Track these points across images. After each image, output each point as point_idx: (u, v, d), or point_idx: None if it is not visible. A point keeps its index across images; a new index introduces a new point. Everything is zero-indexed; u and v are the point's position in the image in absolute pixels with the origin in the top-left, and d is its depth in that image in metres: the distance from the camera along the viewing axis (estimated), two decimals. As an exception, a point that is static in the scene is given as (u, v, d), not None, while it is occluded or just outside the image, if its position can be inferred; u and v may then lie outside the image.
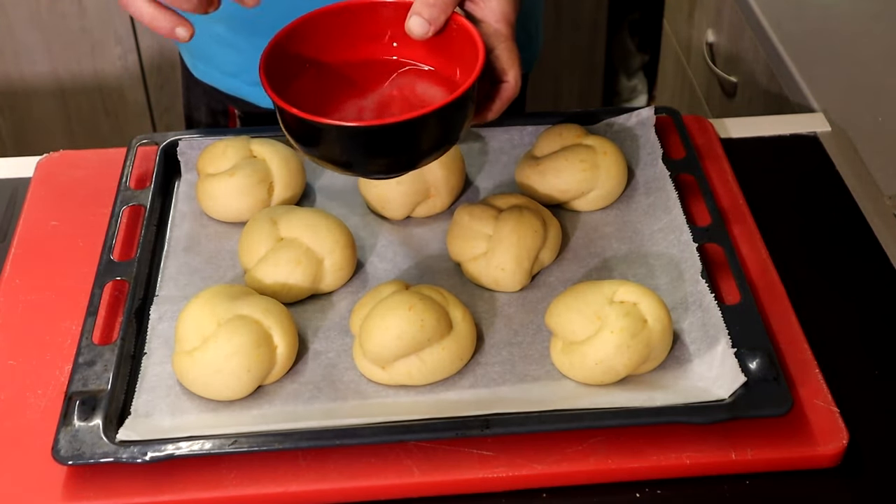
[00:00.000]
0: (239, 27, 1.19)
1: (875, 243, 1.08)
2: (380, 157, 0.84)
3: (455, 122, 0.85)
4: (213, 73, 1.26)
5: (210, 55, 1.25)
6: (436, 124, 0.83)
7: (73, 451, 0.84)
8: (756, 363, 0.89)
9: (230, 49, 1.22)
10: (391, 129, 0.81)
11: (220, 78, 1.26)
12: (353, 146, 0.83)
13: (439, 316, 0.91)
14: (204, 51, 1.25)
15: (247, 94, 1.26)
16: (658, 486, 0.86)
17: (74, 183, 1.14)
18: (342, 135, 0.82)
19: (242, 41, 1.20)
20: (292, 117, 0.83)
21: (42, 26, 2.18)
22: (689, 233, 1.02)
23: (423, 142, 0.84)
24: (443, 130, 0.84)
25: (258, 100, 1.25)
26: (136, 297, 0.98)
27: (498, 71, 0.88)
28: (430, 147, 0.85)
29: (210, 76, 1.27)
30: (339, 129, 0.82)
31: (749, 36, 1.62)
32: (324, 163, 0.85)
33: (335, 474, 0.86)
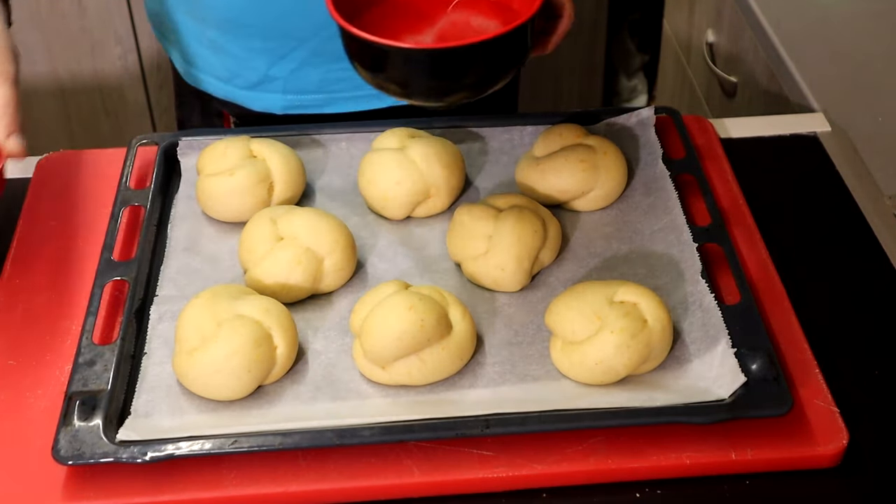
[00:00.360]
0: (231, 32, 1.18)
1: (875, 243, 1.08)
2: (442, 80, 0.89)
3: (517, 50, 0.90)
4: (207, 78, 1.25)
5: (202, 61, 1.24)
6: (499, 51, 0.87)
7: (73, 451, 0.84)
8: (756, 363, 0.89)
9: (222, 54, 1.21)
10: (455, 52, 0.85)
11: (213, 83, 1.25)
12: (418, 70, 0.88)
13: (439, 316, 0.91)
14: (196, 57, 1.24)
15: (241, 99, 1.25)
16: (658, 486, 0.86)
17: (74, 183, 1.14)
18: (407, 58, 0.87)
19: (235, 46, 1.20)
20: (362, 43, 0.86)
21: (42, 26, 2.18)
22: (689, 233, 1.02)
23: (486, 67, 0.88)
24: (505, 57, 0.89)
25: (252, 103, 1.24)
26: (136, 297, 0.98)
27: (554, 6, 0.98)
28: (493, 72, 0.89)
29: (204, 82, 1.26)
30: (405, 53, 0.86)
31: (749, 36, 1.62)
32: (389, 87, 0.89)
33: (335, 474, 0.86)
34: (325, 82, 1.21)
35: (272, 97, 1.23)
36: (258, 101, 1.23)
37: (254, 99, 1.24)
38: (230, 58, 1.21)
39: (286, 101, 1.22)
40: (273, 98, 1.23)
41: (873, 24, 1.49)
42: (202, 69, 1.25)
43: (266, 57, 1.19)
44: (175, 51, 1.27)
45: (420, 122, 1.15)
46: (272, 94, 1.22)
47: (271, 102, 1.23)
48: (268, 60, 1.19)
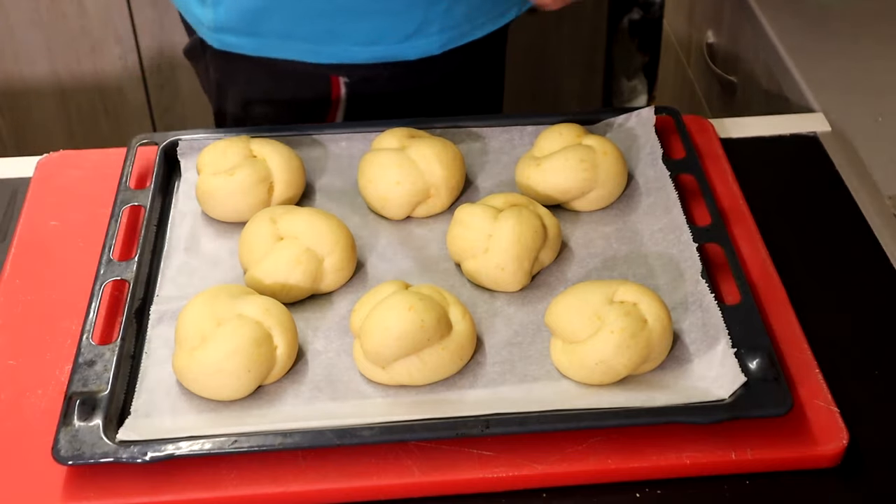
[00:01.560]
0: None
1: (875, 243, 1.08)
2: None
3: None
4: (345, 49, 1.25)
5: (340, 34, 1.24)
6: None
7: (73, 451, 0.84)
8: (756, 363, 0.89)
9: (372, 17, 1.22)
10: None
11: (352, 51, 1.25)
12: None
13: (439, 316, 0.91)
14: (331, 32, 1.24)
15: (392, 54, 1.25)
16: (658, 486, 0.86)
17: (74, 183, 1.14)
18: None
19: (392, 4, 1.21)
20: None
21: (42, 26, 2.18)
22: (689, 233, 1.02)
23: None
24: None
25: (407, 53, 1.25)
26: (136, 297, 0.98)
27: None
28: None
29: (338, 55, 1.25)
30: None
31: (749, 36, 1.62)
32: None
33: (335, 474, 0.86)
34: (470, 12, 1.25)
35: (429, 41, 1.25)
36: (414, 49, 1.25)
37: (409, 49, 1.25)
38: (382, 17, 1.22)
39: (441, 39, 1.25)
40: (430, 41, 1.25)
41: (873, 24, 1.49)
42: (338, 41, 1.24)
43: (424, 4, 1.21)
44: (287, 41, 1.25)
45: (420, 122, 1.15)
46: (429, 37, 1.24)
47: (428, 46, 1.25)
48: (425, 7, 1.21)
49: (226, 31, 1.27)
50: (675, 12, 2.13)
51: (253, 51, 1.28)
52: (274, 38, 1.26)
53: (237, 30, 1.26)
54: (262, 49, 1.27)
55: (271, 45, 1.27)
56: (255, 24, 1.25)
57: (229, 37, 1.27)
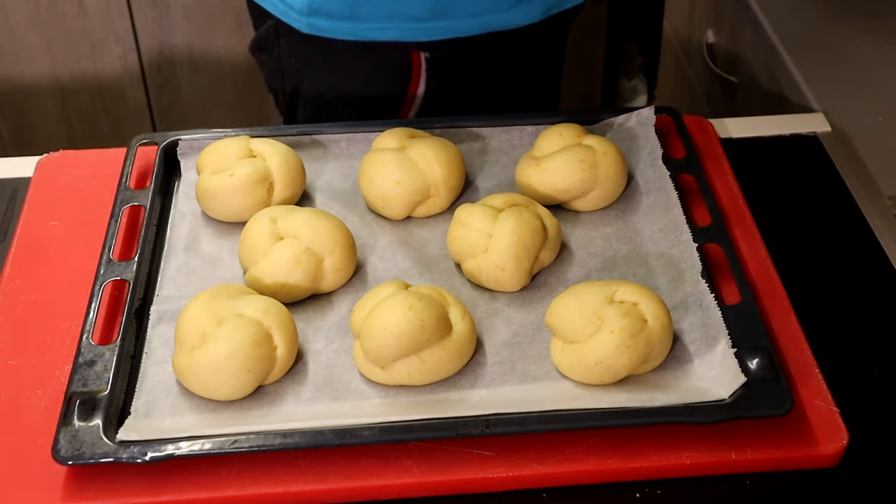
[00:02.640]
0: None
1: (875, 243, 1.08)
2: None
3: None
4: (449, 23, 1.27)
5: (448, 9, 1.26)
6: None
7: (73, 451, 0.84)
8: (756, 363, 0.89)
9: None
10: None
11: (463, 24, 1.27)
12: None
13: (439, 316, 0.91)
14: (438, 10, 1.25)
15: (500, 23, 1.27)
16: (658, 486, 0.86)
17: (74, 183, 1.14)
18: None
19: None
20: None
21: (42, 26, 2.18)
22: (689, 233, 1.02)
23: None
24: None
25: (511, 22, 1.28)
26: (136, 297, 0.98)
27: None
28: None
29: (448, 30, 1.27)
30: None
31: (749, 36, 1.62)
32: None
33: (335, 474, 0.86)
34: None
35: (531, 7, 1.28)
36: (518, 17, 1.29)
37: (514, 17, 1.28)
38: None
39: (542, 6, 1.29)
40: (532, 8, 1.29)
41: (873, 24, 1.49)
42: (448, 15, 1.26)
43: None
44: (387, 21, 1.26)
45: (420, 122, 1.15)
46: (531, 4, 1.28)
47: (532, 13, 1.29)
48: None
49: (320, 14, 1.27)
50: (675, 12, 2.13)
51: (348, 34, 1.28)
52: (374, 21, 1.26)
53: (332, 13, 1.26)
54: (358, 32, 1.28)
55: (369, 29, 1.27)
56: (356, 6, 1.25)
57: (322, 21, 1.27)
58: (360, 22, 1.27)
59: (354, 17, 1.26)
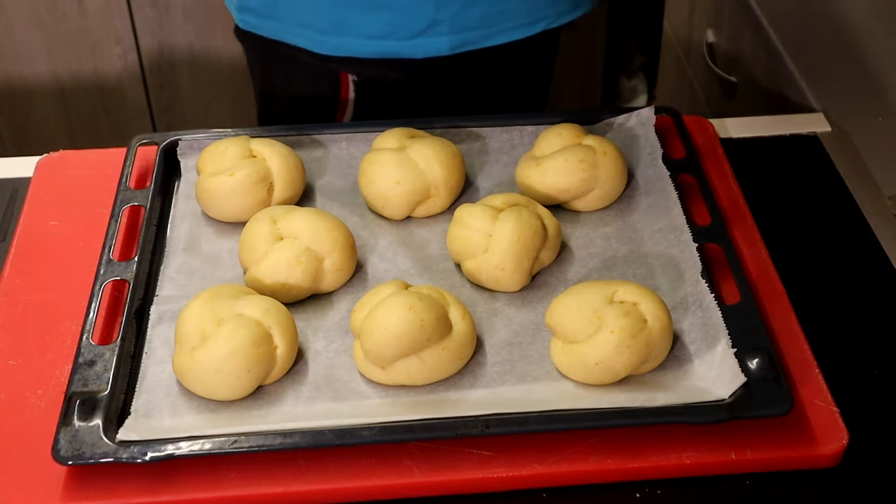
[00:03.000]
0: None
1: (875, 243, 1.08)
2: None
3: None
4: (353, 41, 1.24)
5: (349, 25, 1.23)
6: None
7: (73, 451, 0.84)
8: (756, 363, 0.89)
9: (381, 10, 1.21)
10: None
11: (361, 44, 1.24)
12: None
13: (439, 316, 0.91)
14: (340, 23, 1.23)
15: (402, 50, 1.24)
16: (658, 486, 0.86)
17: (74, 183, 1.14)
18: None
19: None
20: None
21: (42, 26, 2.18)
22: (689, 233, 1.02)
23: None
24: None
25: (415, 52, 1.24)
26: (136, 297, 0.98)
27: None
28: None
29: (347, 46, 1.25)
30: None
31: (749, 36, 1.62)
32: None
33: (335, 474, 0.86)
34: (487, 17, 1.23)
35: (438, 40, 1.24)
36: (423, 47, 1.24)
37: (417, 47, 1.24)
38: (393, 11, 1.21)
39: (452, 41, 1.24)
40: (439, 41, 1.24)
41: (873, 24, 1.49)
42: (348, 33, 1.24)
43: (435, 1, 1.20)
44: (300, 28, 1.26)
45: (420, 122, 1.15)
46: (438, 37, 1.23)
47: (438, 46, 1.24)
48: (436, 4, 1.20)
49: (248, 10, 1.28)
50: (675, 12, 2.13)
51: (271, 34, 1.28)
52: (290, 24, 1.26)
53: (258, 11, 1.27)
54: (280, 33, 1.28)
55: (288, 31, 1.27)
56: (275, 6, 1.25)
57: (251, 17, 1.29)
58: (280, 23, 1.27)
59: (274, 16, 1.27)
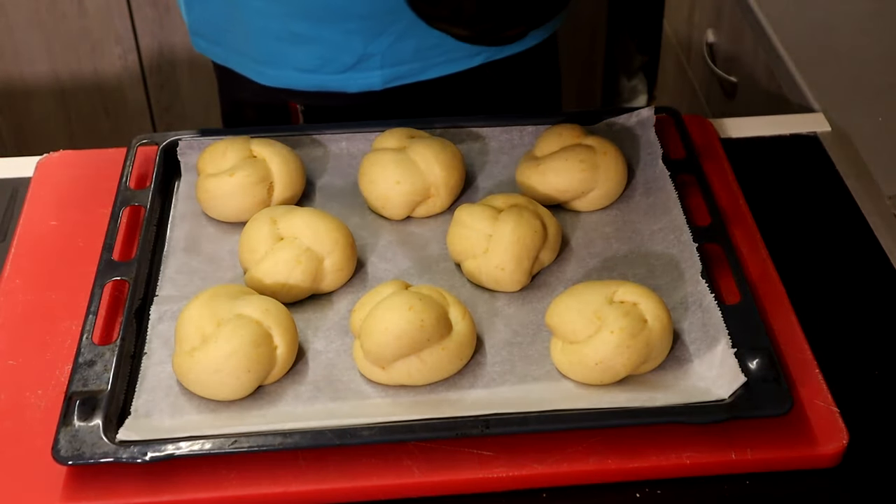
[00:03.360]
0: (325, 19, 1.17)
1: (875, 243, 1.08)
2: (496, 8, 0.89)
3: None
4: (288, 73, 1.23)
5: (283, 57, 1.22)
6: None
7: (73, 451, 0.84)
8: (756, 363, 0.89)
9: (311, 44, 1.20)
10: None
11: (295, 77, 1.23)
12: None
13: (439, 316, 0.91)
14: (275, 55, 1.22)
15: (334, 84, 1.23)
16: (658, 486, 0.86)
17: (74, 183, 1.14)
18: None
19: (329, 31, 1.18)
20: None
21: (42, 26, 2.18)
22: (689, 233, 1.02)
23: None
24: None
25: (348, 86, 1.23)
26: (136, 297, 0.98)
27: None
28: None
29: (283, 78, 1.24)
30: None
31: (749, 36, 1.62)
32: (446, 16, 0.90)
33: (335, 474, 0.86)
34: (420, 50, 1.21)
35: (370, 75, 1.22)
36: (355, 82, 1.23)
37: (350, 81, 1.22)
38: (321, 45, 1.20)
39: (384, 75, 1.22)
40: (371, 76, 1.22)
41: (873, 24, 1.49)
42: (282, 66, 1.23)
43: (363, 36, 1.18)
44: (241, 56, 1.26)
45: (420, 122, 1.15)
46: (370, 71, 1.22)
47: (370, 80, 1.22)
48: (364, 39, 1.18)
49: (199, 35, 1.29)
50: (675, 12, 2.13)
51: (220, 59, 1.29)
52: (233, 53, 1.26)
53: (207, 36, 1.28)
54: (227, 60, 1.28)
55: (232, 59, 1.28)
56: (219, 33, 1.26)
57: (202, 41, 1.29)
58: (225, 50, 1.27)
59: (220, 43, 1.27)
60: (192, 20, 1.27)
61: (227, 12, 1.22)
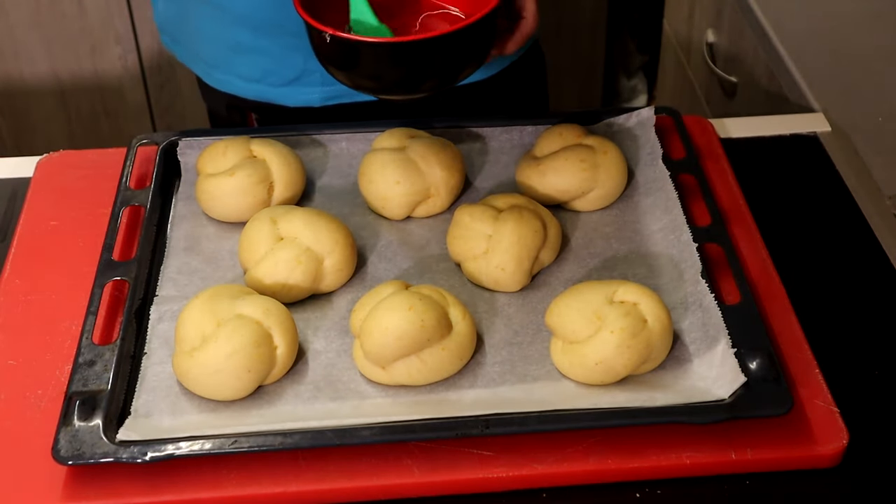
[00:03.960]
0: (267, 32, 1.18)
1: (875, 243, 1.08)
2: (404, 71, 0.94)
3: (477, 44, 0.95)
4: (234, 80, 1.25)
5: (229, 64, 1.23)
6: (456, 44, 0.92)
7: (73, 451, 0.84)
8: (756, 363, 0.89)
9: (254, 55, 1.21)
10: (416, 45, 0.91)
11: (241, 85, 1.24)
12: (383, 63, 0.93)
13: (439, 316, 0.91)
14: (221, 60, 1.24)
15: (275, 97, 1.24)
16: (658, 486, 0.86)
17: (74, 183, 1.14)
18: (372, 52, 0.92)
19: (270, 45, 1.19)
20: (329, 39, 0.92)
21: (42, 26, 2.18)
22: (689, 233, 1.02)
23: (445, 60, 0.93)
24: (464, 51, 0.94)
25: (287, 100, 1.23)
26: (136, 297, 0.98)
27: (516, 7, 0.99)
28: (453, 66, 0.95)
29: (230, 84, 1.25)
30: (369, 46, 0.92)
31: (749, 36, 1.62)
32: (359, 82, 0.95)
33: (335, 474, 0.86)
34: None
35: (310, 91, 1.22)
36: (295, 96, 1.23)
37: (289, 95, 1.23)
38: (263, 57, 1.20)
39: (324, 93, 1.22)
40: (311, 92, 1.22)
41: (873, 24, 1.49)
42: (228, 72, 1.24)
43: (304, 52, 1.17)
44: (195, 57, 1.27)
45: (420, 122, 1.15)
46: (310, 87, 1.22)
47: (309, 97, 1.23)
48: (305, 55, 1.17)
49: (164, 32, 1.30)
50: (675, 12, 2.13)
51: (181, 58, 1.30)
52: (189, 52, 1.27)
53: (170, 33, 1.29)
54: (185, 58, 1.29)
55: (189, 58, 1.28)
56: (175, 31, 1.27)
57: (166, 37, 1.31)
58: (183, 49, 1.28)
59: (179, 41, 1.28)
60: (157, 16, 1.29)
61: (182, 13, 1.23)
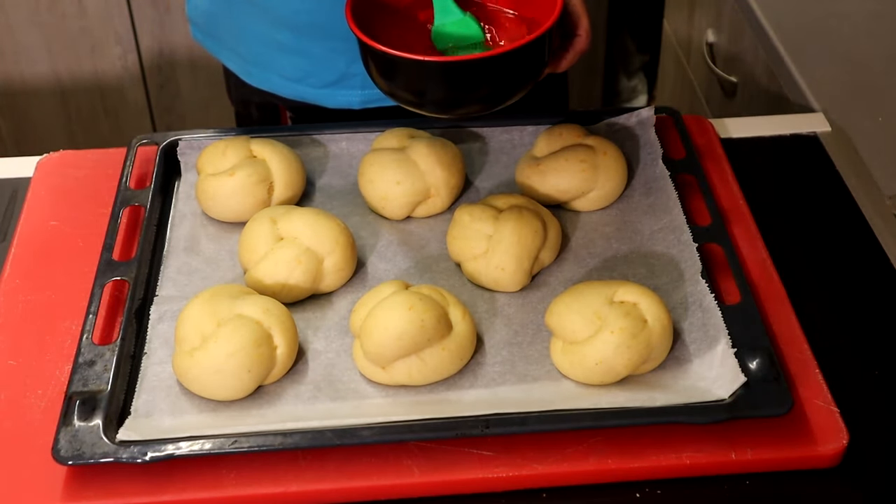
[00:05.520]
0: (311, 34, 1.18)
1: (875, 243, 1.08)
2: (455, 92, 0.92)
3: (532, 65, 0.93)
4: (274, 78, 1.24)
5: (269, 62, 1.23)
6: (512, 65, 0.90)
7: (73, 451, 0.84)
8: (756, 363, 0.89)
9: (296, 55, 1.20)
10: (471, 65, 0.88)
11: (281, 83, 1.24)
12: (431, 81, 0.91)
13: (439, 316, 0.91)
14: (261, 58, 1.23)
15: (315, 97, 1.23)
16: (658, 486, 0.86)
17: (74, 183, 1.14)
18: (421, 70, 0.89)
19: (314, 47, 1.19)
20: (381, 56, 0.89)
21: (42, 26, 2.18)
22: (689, 233, 1.02)
23: (499, 81, 0.91)
24: (518, 71, 0.91)
25: (327, 101, 1.23)
26: (136, 297, 0.98)
27: (570, 24, 0.97)
28: (506, 87, 0.92)
29: (268, 82, 1.25)
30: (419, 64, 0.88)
31: (749, 36, 1.62)
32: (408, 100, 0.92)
33: (335, 474, 0.86)
34: None
35: (350, 93, 1.22)
36: (335, 98, 1.23)
37: (330, 97, 1.23)
38: (305, 59, 1.20)
39: (364, 95, 1.22)
40: (351, 94, 1.22)
41: (873, 24, 1.49)
42: (269, 70, 1.24)
43: (346, 56, 1.18)
44: (232, 53, 1.26)
45: (420, 122, 1.15)
46: (350, 90, 1.22)
47: (349, 99, 1.23)
48: (347, 59, 1.18)
49: (195, 24, 1.29)
50: (675, 12, 2.13)
51: (213, 52, 1.29)
52: (224, 48, 1.26)
53: (203, 27, 1.28)
54: (218, 53, 1.29)
55: (223, 53, 1.28)
56: (213, 26, 1.26)
57: (197, 31, 1.30)
58: (217, 43, 1.28)
59: (213, 35, 1.27)
60: (190, 9, 1.28)
61: (223, 10, 1.23)
